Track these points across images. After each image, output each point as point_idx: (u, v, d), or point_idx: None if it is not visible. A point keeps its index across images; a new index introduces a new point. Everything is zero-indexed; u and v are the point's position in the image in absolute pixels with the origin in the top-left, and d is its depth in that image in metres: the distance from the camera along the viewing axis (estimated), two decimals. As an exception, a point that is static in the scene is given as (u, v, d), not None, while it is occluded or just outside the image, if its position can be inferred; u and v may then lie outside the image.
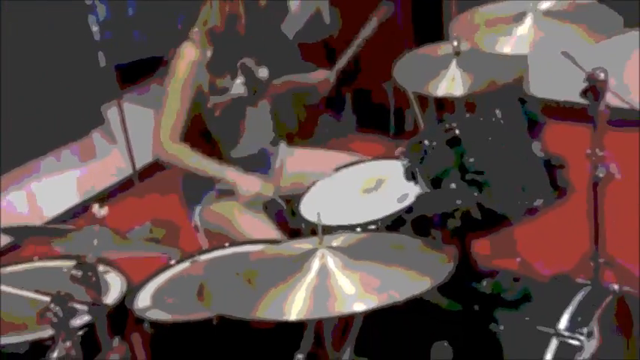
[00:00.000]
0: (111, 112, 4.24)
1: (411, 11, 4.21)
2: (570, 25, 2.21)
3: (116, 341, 1.74)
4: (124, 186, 4.33)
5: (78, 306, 1.65)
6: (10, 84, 3.62)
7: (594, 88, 2.31)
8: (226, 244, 2.37)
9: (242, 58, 2.66)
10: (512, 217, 2.03)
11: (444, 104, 3.11)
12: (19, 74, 3.66)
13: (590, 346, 1.90)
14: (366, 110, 4.62)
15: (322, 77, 2.93)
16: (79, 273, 1.70)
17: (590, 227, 2.46)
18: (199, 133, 2.65)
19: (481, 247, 2.44)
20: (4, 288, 2.04)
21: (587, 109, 2.32)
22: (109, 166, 4.30)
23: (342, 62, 2.94)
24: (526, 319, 1.96)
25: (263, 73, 2.73)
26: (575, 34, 2.19)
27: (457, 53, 2.50)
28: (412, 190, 2.18)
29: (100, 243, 1.78)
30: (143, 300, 2.10)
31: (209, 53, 2.59)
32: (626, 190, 3.14)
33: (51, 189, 4.02)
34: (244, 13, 2.57)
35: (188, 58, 2.57)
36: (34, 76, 3.74)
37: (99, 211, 1.91)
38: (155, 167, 4.42)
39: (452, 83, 2.47)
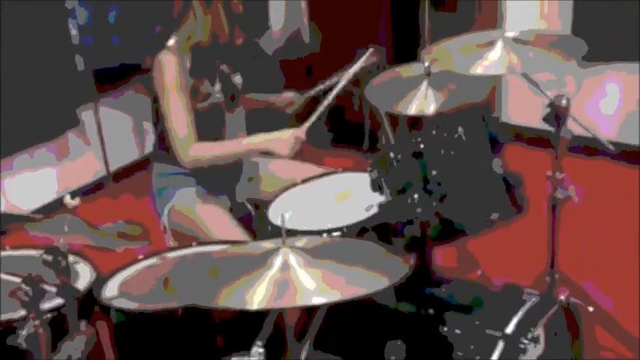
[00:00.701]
0: (86, 115, 4.30)
1: (392, 31, 4.33)
2: (540, 49, 2.33)
3: (83, 325, 1.80)
4: (97, 187, 4.38)
5: (48, 287, 1.71)
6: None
7: (556, 114, 2.42)
8: (193, 244, 2.45)
9: (219, 65, 2.74)
10: (469, 229, 2.12)
11: (417, 122, 3.21)
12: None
13: (536, 351, 2.00)
14: (341, 127, 4.71)
15: (289, 99, 2.97)
16: (50, 257, 1.77)
17: (547, 245, 2.56)
18: None
19: (443, 259, 2.55)
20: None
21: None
22: (82, 166, 4.35)
23: (317, 90, 2.94)
24: (476, 323, 2.05)
25: (237, 79, 2.82)
26: (548, 55, 2.31)
27: (428, 74, 2.60)
28: (378, 201, 2.26)
29: (71, 229, 1.85)
30: (110, 290, 2.16)
31: (188, 62, 2.66)
32: (582, 212, 3.27)
33: (24, 186, 4.06)
34: (227, 25, 2.64)
35: (172, 65, 2.60)
36: (12, 75, 3.77)
37: (70, 202, 1.97)
38: (129, 170, 4.51)
39: (423, 102, 2.55)
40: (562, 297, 2.11)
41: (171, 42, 2.65)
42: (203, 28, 2.63)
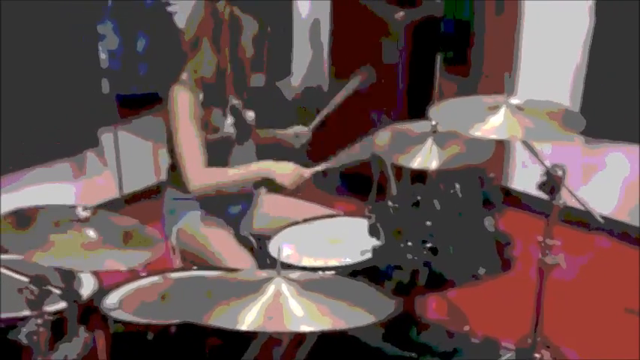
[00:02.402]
0: (105, 137, 4.42)
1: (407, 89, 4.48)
2: (543, 118, 2.43)
3: (82, 330, 1.90)
4: (108, 208, 4.48)
5: (53, 289, 1.82)
6: (15, 95, 3.79)
7: (550, 183, 2.51)
8: (194, 267, 2.56)
9: (230, 100, 2.87)
10: (457, 281, 2.23)
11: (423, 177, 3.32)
12: (26, 87, 3.84)
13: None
14: (350, 176, 4.81)
15: (297, 133, 3.13)
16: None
17: (532, 307, 2.64)
18: None
19: (432, 309, 2.63)
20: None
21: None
22: (97, 186, 4.46)
23: (317, 120, 3.15)
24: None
25: (250, 115, 2.96)
26: (549, 125, 2.40)
27: (434, 132, 2.72)
28: (373, 245, 2.37)
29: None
30: (111, 301, 2.27)
31: (201, 95, 2.80)
32: (569, 281, 3.36)
33: (39, 198, 4.14)
34: (231, 69, 2.78)
35: (184, 98, 2.75)
36: (39, 90, 3.92)
37: (81, 212, 2.08)
38: (142, 194, 4.62)
39: (427, 158, 2.67)
40: (537, 355, 2.19)
41: (183, 75, 2.79)
42: (209, 64, 2.77)
